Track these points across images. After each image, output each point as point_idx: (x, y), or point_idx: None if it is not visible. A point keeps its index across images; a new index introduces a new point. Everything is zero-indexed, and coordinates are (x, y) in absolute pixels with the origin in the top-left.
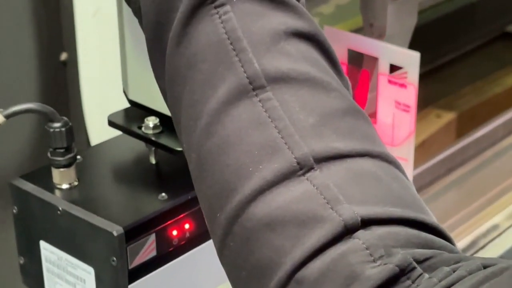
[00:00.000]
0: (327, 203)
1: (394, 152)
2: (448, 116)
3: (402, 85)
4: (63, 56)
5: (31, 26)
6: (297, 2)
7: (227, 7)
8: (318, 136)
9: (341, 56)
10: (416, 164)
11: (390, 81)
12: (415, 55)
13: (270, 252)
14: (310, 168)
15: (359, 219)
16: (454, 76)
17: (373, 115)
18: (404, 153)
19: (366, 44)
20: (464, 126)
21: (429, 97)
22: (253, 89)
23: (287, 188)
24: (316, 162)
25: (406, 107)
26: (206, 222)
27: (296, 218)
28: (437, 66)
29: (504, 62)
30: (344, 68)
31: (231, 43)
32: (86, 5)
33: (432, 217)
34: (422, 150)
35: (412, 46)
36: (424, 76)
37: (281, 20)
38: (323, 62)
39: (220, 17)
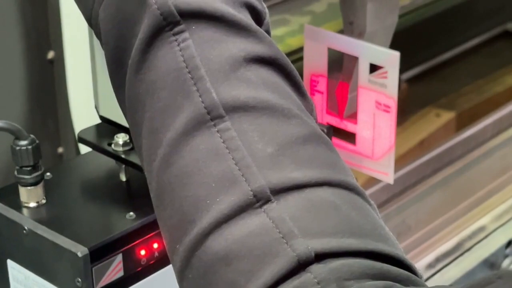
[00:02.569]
0: (282, 237)
1: (374, 166)
2: (448, 115)
3: (383, 94)
4: (50, 54)
5: (18, 25)
6: (257, 27)
7: (186, 34)
8: (276, 166)
9: (321, 54)
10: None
11: (370, 89)
12: (395, 54)
13: (226, 287)
14: (267, 200)
15: (313, 253)
16: (455, 74)
17: (354, 115)
18: (384, 167)
19: (346, 43)
20: (464, 125)
21: (429, 96)
22: (211, 119)
23: (244, 221)
24: (273, 193)
25: (387, 107)
26: (167, 251)
27: (251, 252)
28: (437, 65)
29: (505, 60)
30: (323, 81)
31: (189, 72)
32: (73, 3)
33: (394, 245)
34: (421, 150)
35: (411, 44)
36: (424, 75)
37: (241, 46)
38: (285, 86)
39: (178, 45)
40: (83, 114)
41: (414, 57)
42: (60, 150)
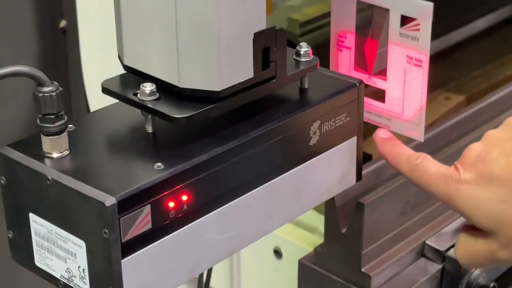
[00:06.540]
0: None
1: (404, 126)
2: (458, 99)
3: (415, 48)
4: (63, 23)
5: None
6: None
7: None
8: None
9: (350, 8)
10: None
11: (401, 43)
12: (429, 5)
13: None
14: None
15: None
16: (464, 59)
17: (383, 72)
18: (415, 128)
19: None
20: None
21: (439, 80)
22: None
23: None
24: None
25: (418, 62)
26: None
27: None
28: (446, 48)
29: None
30: (351, 36)
31: None
32: None
33: None
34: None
35: None
36: (433, 59)
37: None
38: None
39: None
40: (96, 83)
41: None
42: None
